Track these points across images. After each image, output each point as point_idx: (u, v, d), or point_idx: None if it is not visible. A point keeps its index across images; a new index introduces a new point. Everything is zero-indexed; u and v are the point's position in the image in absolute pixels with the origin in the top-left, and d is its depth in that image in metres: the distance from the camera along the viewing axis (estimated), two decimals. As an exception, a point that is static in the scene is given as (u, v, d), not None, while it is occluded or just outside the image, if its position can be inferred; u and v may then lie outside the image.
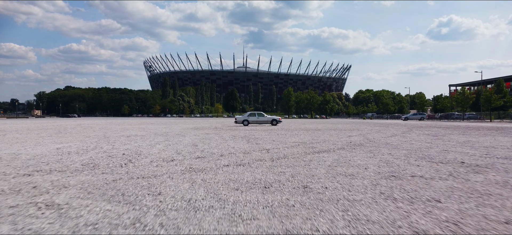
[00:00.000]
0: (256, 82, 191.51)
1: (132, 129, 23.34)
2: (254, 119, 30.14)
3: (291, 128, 25.41)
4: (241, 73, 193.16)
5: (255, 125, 30.02)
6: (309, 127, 26.61)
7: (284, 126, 28.51)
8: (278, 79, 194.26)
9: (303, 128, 25.49)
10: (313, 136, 15.33)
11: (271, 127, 25.72)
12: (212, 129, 23.44)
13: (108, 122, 44.65)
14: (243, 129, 22.45)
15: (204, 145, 10.55)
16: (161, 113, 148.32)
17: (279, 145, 10.58)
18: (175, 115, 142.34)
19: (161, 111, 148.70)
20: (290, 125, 33.41)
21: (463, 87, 62.39)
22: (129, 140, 12.51)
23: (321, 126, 30.15)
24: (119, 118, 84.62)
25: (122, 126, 27.95)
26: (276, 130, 21.65)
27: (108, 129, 22.49)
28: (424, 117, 56.34)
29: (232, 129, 22.45)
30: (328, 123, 39.37)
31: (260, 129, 23.03)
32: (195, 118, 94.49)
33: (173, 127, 26.00)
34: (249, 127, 25.74)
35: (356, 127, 26.82)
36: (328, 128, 24.37)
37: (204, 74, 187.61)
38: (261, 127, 26.62)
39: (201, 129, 23.32)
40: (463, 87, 65.97)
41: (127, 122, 44.91)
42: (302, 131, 20.34)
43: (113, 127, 26.65)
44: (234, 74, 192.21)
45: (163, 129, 22.49)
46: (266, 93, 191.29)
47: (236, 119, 30.43)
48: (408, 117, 56.81)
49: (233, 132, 18.93)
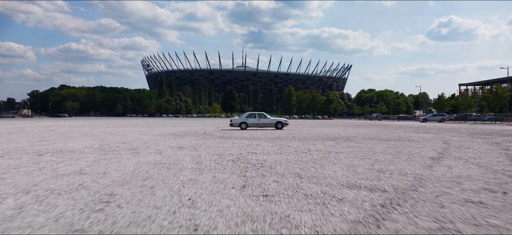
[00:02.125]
0: (255, 81, 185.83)
1: (86, 135, 17.31)
2: (254, 121, 24.17)
3: (305, 134, 19.41)
4: (240, 73, 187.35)
5: (255, 129, 24.07)
6: (327, 133, 20.61)
7: (293, 130, 22.52)
8: (278, 78, 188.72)
9: (320, 134, 19.49)
10: (363, 153, 9.40)
11: (276, 133, 19.75)
12: (197, 136, 17.46)
13: (78, 123, 38.57)
14: (240, 136, 16.48)
15: (142, 190, 4.71)
16: (157, 113, 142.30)
17: (313, 190, 4.71)
18: (171, 115, 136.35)
19: (157, 111, 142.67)
20: (299, 128, 27.39)
21: (496, 85, 56.29)
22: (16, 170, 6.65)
23: (340, 129, 24.18)
24: (107, 119, 78.46)
25: (80, 130, 21.93)
26: (287, 138, 15.69)
27: (40, 137, 16.48)
28: (445, 118, 50.35)
29: (224, 137, 16.48)
30: (342, 125, 33.30)
31: (263, 136, 17.06)
32: (190, 119, 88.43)
33: (152, 131, 20.03)
34: (248, 133, 19.76)
35: (390, 134, 20.81)
36: (360, 135, 18.37)
37: (202, 74, 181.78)
38: (263, 132, 20.64)
39: (183, 136, 17.31)
40: (496, 84, 59.78)
41: (105, 123, 38.83)
42: (326, 141, 14.36)
43: (62, 130, 20.65)
44: (233, 74, 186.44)
45: (129, 136, 16.48)
46: (266, 92, 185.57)
47: (231, 121, 24.42)
48: (426, 118, 50.80)
49: (224, 142, 12.97)
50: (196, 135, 17.84)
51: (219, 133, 19.81)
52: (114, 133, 18.98)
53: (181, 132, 20.97)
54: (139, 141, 13.21)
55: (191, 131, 22.26)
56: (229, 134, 18.29)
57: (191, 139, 14.78)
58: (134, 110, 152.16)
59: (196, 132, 20.38)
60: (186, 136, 16.97)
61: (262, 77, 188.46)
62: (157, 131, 22.07)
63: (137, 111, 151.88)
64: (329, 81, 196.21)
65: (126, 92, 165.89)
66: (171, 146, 11.00)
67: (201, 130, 23.24)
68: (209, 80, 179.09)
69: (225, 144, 11.76)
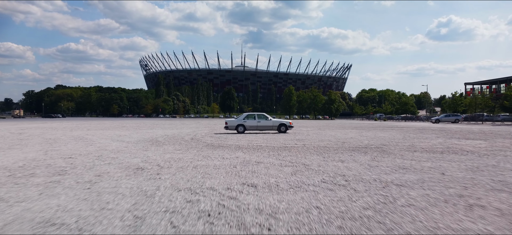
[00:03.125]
0: (254, 81, 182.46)
1: (41, 143, 13.90)
2: (253, 123, 20.73)
3: (316, 140, 15.98)
4: (239, 72, 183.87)
5: (254, 132, 20.64)
6: (343, 139, 17.17)
7: (300, 134, 19.08)
8: (277, 78, 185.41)
9: (336, 140, 16.07)
10: (440, 184, 5.96)
11: (281, 139, 16.34)
12: (181, 143, 14.04)
13: (60, 125, 35.10)
14: (235, 144, 13.07)
15: None
16: (154, 113, 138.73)
17: None
18: (167, 116, 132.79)
19: (154, 111, 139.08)
20: (305, 131, 23.95)
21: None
22: None
23: (354, 133, 20.77)
24: (99, 119, 74.90)
25: (48, 134, 18.48)
26: (296, 147, 12.28)
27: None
28: (459, 119, 46.96)
29: (213, 146, 13.09)
30: (351, 127, 29.77)
31: (265, 143, 13.65)
32: (187, 120, 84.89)
33: (132, 136, 16.62)
34: (246, 138, 16.35)
35: (424, 141, 17.36)
36: (387, 142, 14.98)
37: (201, 73, 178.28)
38: (265, 137, 17.24)
39: (163, 143, 13.89)
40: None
41: (89, 125, 35.36)
42: (353, 153, 10.95)
43: (26, 135, 17.22)
44: (232, 73, 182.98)
45: (95, 143, 13.05)
46: (265, 92, 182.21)
47: (227, 123, 20.92)
48: (439, 119, 47.37)
49: (210, 157, 9.59)
50: (181, 141, 14.42)
51: (210, 138, 16.38)
52: (81, 139, 15.55)
53: (166, 137, 17.53)
54: (94, 154, 9.80)
55: (179, 135, 18.81)
56: (221, 141, 14.88)
57: (170, 148, 11.36)
58: (130, 110, 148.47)
59: (183, 137, 16.94)
60: (167, 143, 13.54)
61: (262, 77, 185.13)
62: (138, 135, 18.63)
63: (133, 111, 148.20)
64: (329, 81, 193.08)
65: (122, 92, 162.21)
66: (128, 165, 7.58)
67: (190, 134, 19.81)
68: (207, 80, 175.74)
69: (210, 161, 8.34)
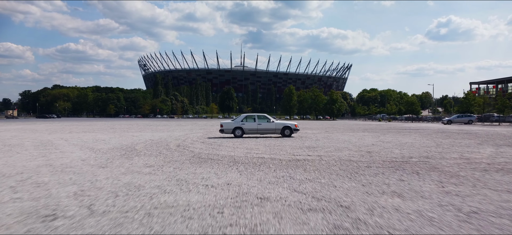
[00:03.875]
0: (254, 81, 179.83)
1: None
2: (253, 126, 18.15)
3: (331, 147, 13.42)
4: (238, 72, 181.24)
5: (254, 137, 18.08)
6: (364, 145, 14.59)
7: (308, 140, 16.52)
8: (277, 78, 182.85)
9: (356, 148, 13.48)
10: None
11: (287, 147, 13.77)
12: (163, 153, 11.49)
13: (44, 127, 32.54)
14: (228, 156, 10.53)
15: None
16: (151, 113, 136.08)
17: None
18: (165, 116, 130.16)
19: (151, 111, 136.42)
20: (313, 135, 21.36)
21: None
22: None
23: (371, 138, 18.20)
24: (94, 120, 72.29)
25: (17, 139, 15.92)
26: (312, 161, 9.72)
27: None
28: (473, 120, 44.43)
29: (200, 158, 10.54)
30: (360, 129, 27.11)
31: (268, 154, 11.11)
32: (184, 120, 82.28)
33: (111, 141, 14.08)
34: (244, 145, 13.80)
35: (458, 148, 14.77)
36: (428, 153, 12.42)
37: (200, 73, 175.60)
38: (267, 143, 14.69)
39: (138, 154, 11.35)
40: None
41: (76, 127, 32.79)
42: (398, 174, 8.40)
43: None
44: (231, 73, 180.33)
45: (49, 154, 10.49)
46: (265, 92, 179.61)
47: (222, 126, 18.32)
48: (451, 119, 44.78)
49: (187, 181, 7.06)
50: (162, 150, 11.86)
51: (201, 145, 13.81)
52: (45, 145, 12.99)
53: (149, 142, 14.97)
54: (25, 174, 7.25)
55: (165, 140, 16.23)
56: (213, 149, 12.31)
57: (140, 163, 8.81)
58: (127, 110, 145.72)
59: (168, 144, 14.37)
60: (142, 153, 10.99)
61: (261, 77, 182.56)
62: (119, 140, 16.07)
63: (130, 111, 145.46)
64: (329, 81, 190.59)
65: (120, 92, 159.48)
66: (44, 205, 5.04)
67: (180, 138, 17.26)
68: (207, 80, 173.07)
69: (183, 196, 5.73)
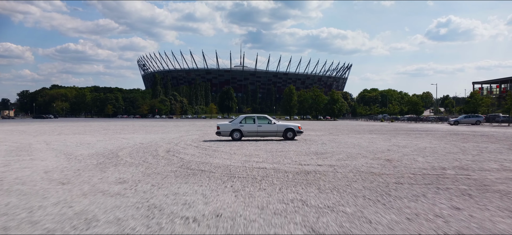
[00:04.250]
0: (253, 81, 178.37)
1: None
2: (252, 128, 16.72)
3: (343, 153, 11.99)
4: (238, 72, 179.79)
5: (254, 140, 16.67)
6: (379, 150, 13.16)
7: (314, 144, 15.10)
8: (277, 78, 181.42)
9: (372, 156, 12.02)
10: None
11: (291, 154, 12.34)
12: (148, 162, 10.10)
13: (38, 128, 31.13)
14: (223, 167, 9.12)
15: None
16: (150, 113, 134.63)
17: None
18: (164, 116, 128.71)
19: (150, 111, 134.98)
20: (318, 137, 19.93)
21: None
22: None
23: (383, 142, 16.79)
24: (90, 120, 70.85)
25: None
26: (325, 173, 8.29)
27: None
28: (481, 120, 43.03)
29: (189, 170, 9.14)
30: (365, 130, 25.64)
31: (272, 163, 9.69)
32: (182, 121, 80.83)
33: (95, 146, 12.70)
34: (243, 151, 12.39)
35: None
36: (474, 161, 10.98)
37: (199, 73, 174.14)
38: (268, 148, 13.29)
39: (120, 162, 9.95)
40: None
41: (64, 128, 31.38)
42: (437, 191, 6.93)
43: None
44: (231, 73, 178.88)
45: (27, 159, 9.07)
46: (264, 92, 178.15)
47: (219, 128, 16.90)
48: (458, 120, 43.35)
49: (162, 211, 5.61)
50: (148, 158, 10.46)
51: (194, 151, 12.40)
52: (20, 151, 11.58)
53: (138, 146, 13.56)
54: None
55: (155, 144, 14.81)
56: (207, 156, 10.91)
57: (115, 175, 7.41)
58: (126, 111, 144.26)
59: (158, 148, 12.96)
60: (123, 162, 9.58)
61: (261, 77, 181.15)
62: (106, 143, 14.67)
63: (129, 112, 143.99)
64: (329, 81, 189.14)
65: (118, 92, 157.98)
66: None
67: (173, 142, 15.85)
68: (206, 80, 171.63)
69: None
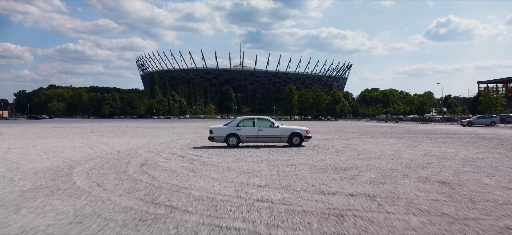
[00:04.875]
0: (253, 81, 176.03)
1: None
2: (252, 132, 14.28)
3: (378, 173, 9.73)
4: (237, 72, 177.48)
5: (253, 147, 14.39)
6: (410, 162, 10.88)
7: (325, 151, 12.83)
8: (277, 78, 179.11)
9: (417, 177, 9.84)
10: None
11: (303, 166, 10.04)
12: (112, 179, 7.76)
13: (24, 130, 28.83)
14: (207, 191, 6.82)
15: None
16: (147, 114, 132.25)
17: None
18: (162, 117, 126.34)
19: (148, 111, 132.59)
20: (327, 142, 17.61)
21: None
22: None
23: (408, 148, 14.53)
24: (84, 121, 68.47)
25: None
26: (361, 212, 5.98)
27: None
28: (496, 121, 40.77)
29: (154, 206, 6.73)
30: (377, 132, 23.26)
31: (274, 192, 7.37)
32: (180, 121, 78.53)
33: (58, 156, 10.44)
34: (238, 162, 10.14)
35: None
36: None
37: (198, 73, 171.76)
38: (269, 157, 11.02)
39: (62, 187, 7.61)
40: None
41: (52, 130, 29.07)
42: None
43: None
44: (230, 73, 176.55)
45: None
46: (264, 92, 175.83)
47: (212, 132, 14.51)
48: (472, 121, 41.07)
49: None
50: (106, 180, 8.18)
51: (174, 165, 10.12)
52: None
53: (109, 157, 11.29)
54: None
55: (137, 151, 12.53)
56: (188, 178, 8.63)
57: (19, 225, 5.12)
58: (123, 111, 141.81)
59: (132, 160, 10.69)
60: (61, 191, 7.30)
61: (260, 77, 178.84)
62: (77, 151, 12.40)
63: (126, 112, 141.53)
64: (329, 81, 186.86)
65: (115, 92, 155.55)
66: None
67: (155, 149, 13.58)
68: (205, 80, 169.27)
69: None
